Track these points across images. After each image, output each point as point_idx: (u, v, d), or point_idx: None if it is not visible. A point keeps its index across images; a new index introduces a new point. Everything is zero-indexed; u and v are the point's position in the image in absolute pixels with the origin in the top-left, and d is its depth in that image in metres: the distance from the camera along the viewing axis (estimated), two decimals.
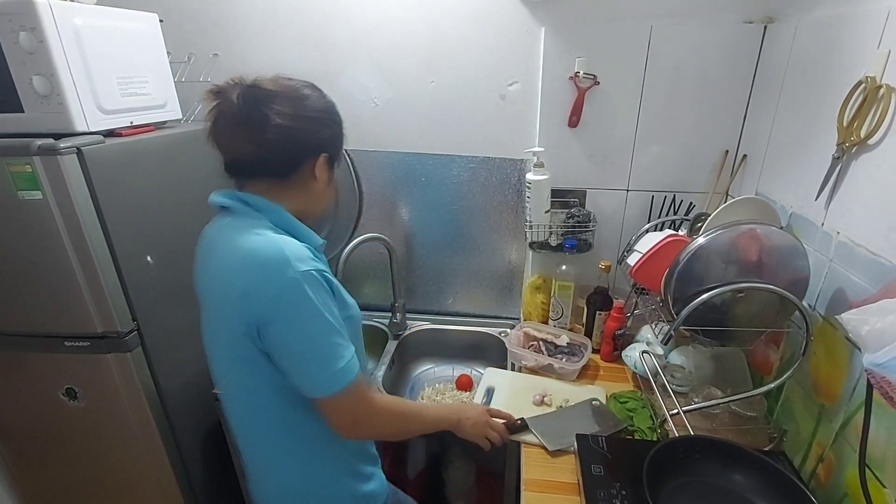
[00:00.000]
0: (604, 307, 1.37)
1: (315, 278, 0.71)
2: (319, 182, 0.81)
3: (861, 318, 0.66)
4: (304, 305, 0.70)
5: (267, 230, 0.74)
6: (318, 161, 0.79)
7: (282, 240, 0.73)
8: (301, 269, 0.70)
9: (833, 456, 0.86)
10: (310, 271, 0.71)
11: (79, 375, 1.17)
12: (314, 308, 0.71)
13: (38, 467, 1.34)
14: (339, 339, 0.74)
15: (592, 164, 1.39)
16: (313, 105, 0.77)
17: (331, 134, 0.80)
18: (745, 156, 1.28)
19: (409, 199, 1.54)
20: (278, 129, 0.72)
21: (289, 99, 0.74)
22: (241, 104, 0.71)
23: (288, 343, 0.72)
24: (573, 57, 1.27)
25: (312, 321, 0.71)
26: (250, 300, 0.70)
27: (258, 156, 0.74)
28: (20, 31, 0.95)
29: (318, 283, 0.72)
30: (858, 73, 0.83)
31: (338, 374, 0.74)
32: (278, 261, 0.69)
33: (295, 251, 0.71)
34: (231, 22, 1.40)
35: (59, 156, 0.95)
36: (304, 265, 0.70)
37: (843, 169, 0.87)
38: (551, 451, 1.03)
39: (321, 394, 0.75)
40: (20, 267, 1.05)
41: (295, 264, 0.69)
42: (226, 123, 0.73)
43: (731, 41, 1.22)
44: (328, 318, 0.72)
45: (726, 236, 0.92)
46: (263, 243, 0.71)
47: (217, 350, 0.81)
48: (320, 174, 0.80)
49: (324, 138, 0.79)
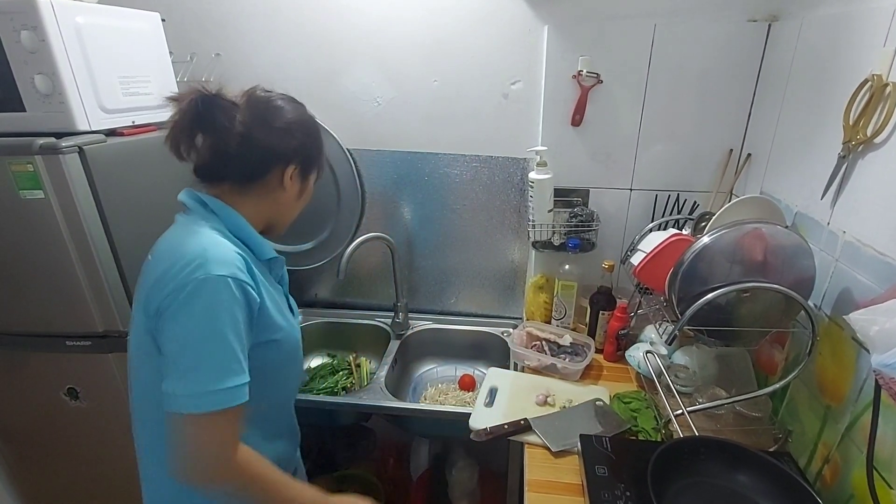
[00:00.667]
0: (607, 307, 1.37)
1: (226, 286, 0.66)
2: (288, 192, 0.81)
3: (870, 319, 0.66)
4: (197, 307, 0.65)
5: (210, 230, 0.72)
6: (288, 171, 0.79)
7: (212, 241, 0.70)
8: (214, 272, 0.66)
9: (839, 457, 0.85)
10: (223, 277, 0.66)
11: (80, 375, 1.17)
12: (208, 313, 0.65)
13: (40, 467, 1.34)
14: (226, 360, 0.66)
15: (595, 163, 1.38)
16: (283, 116, 0.78)
17: (299, 145, 0.79)
18: (749, 154, 1.28)
19: (411, 199, 1.54)
20: (240, 137, 0.73)
21: (255, 109, 0.76)
22: (195, 109, 0.72)
23: (168, 340, 0.67)
24: (576, 55, 1.27)
25: (199, 326, 0.65)
26: (158, 289, 0.67)
27: (218, 161, 0.75)
28: (22, 29, 0.95)
29: (227, 292, 0.66)
30: (864, 71, 0.82)
31: (204, 395, 0.64)
32: (193, 257, 0.67)
33: (218, 254, 0.68)
34: (233, 21, 1.39)
35: (61, 155, 0.95)
36: (220, 269, 0.66)
37: (848, 168, 0.86)
38: (555, 452, 1.02)
39: (174, 407, 0.64)
40: (22, 266, 1.05)
41: (209, 265, 0.66)
42: (181, 129, 0.73)
43: (735, 39, 1.21)
44: (223, 332, 0.66)
45: (731, 236, 0.91)
46: (192, 240, 0.70)
47: (131, 343, 0.77)
48: (289, 185, 0.80)
49: (291, 148, 0.78)
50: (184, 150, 0.75)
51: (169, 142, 0.74)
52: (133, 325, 0.76)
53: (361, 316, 1.68)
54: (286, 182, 0.79)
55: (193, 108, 0.72)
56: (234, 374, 0.67)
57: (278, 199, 0.81)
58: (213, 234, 0.72)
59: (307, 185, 0.85)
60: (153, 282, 0.69)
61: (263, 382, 0.77)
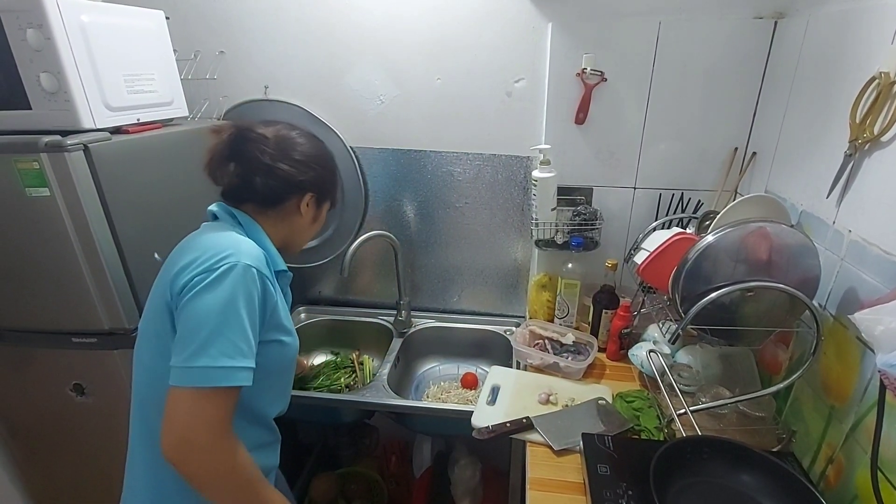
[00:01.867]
0: (610, 306, 1.36)
1: (253, 276, 0.73)
2: (304, 218, 0.91)
3: (875, 318, 0.65)
4: (223, 287, 0.70)
5: (239, 234, 0.80)
6: (304, 199, 0.89)
7: (243, 239, 0.78)
8: (244, 261, 0.72)
9: (843, 457, 0.85)
10: (251, 267, 0.73)
11: (86, 371, 1.17)
12: (231, 294, 0.70)
13: (47, 462, 1.35)
14: (238, 340, 0.70)
15: (599, 161, 1.38)
16: (302, 150, 0.87)
17: (316, 176, 0.88)
18: (754, 153, 1.27)
19: (414, 197, 1.54)
20: (266, 167, 0.83)
21: (278, 142, 0.85)
22: (233, 142, 0.82)
23: (187, 317, 0.70)
24: (580, 53, 1.26)
25: (220, 304, 0.69)
26: (189, 270, 0.72)
27: (246, 187, 0.84)
28: (28, 28, 0.95)
29: (253, 282, 0.73)
30: (872, 68, 0.82)
31: (206, 370, 0.67)
32: (226, 247, 0.74)
33: (249, 249, 0.75)
34: (237, 19, 1.40)
35: (66, 153, 0.96)
36: (250, 261, 0.73)
37: (855, 166, 0.86)
38: (557, 451, 1.02)
39: (178, 381, 0.67)
40: (28, 263, 1.06)
41: (240, 255, 0.73)
42: (220, 158, 0.83)
43: (741, 37, 1.21)
44: (240, 315, 0.70)
45: (735, 234, 0.91)
46: (225, 236, 0.77)
47: (141, 330, 0.81)
48: (305, 211, 0.90)
49: (308, 180, 0.87)
50: (219, 175, 0.84)
51: (207, 169, 0.84)
52: (145, 314, 0.81)
53: (364, 314, 1.68)
54: (302, 208, 0.89)
55: (231, 140, 0.82)
56: (241, 355, 0.70)
57: (294, 223, 0.90)
58: (243, 236, 0.80)
59: (321, 213, 0.95)
60: (184, 264, 0.73)
61: (258, 387, 0.77)
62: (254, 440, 0.85)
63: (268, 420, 0.91)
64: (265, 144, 0.83)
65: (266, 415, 0.90)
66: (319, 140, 0.93)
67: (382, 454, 1.85)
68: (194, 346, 0.68)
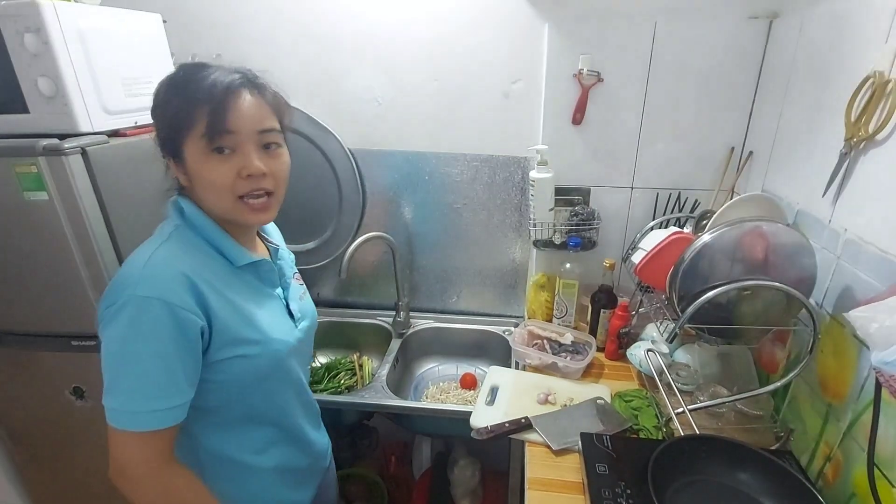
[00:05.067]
0: (608, 305, 1.37)
1: (148, 308, 0.63)
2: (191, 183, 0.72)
3: (869, 316, 0.65)
4: (117, 326, 0.64)
5: (162, 244, 0.70)
6: (168, 164, 0.74)
7: (155, 258, 0.67)
8: (139, 293, 0.63)
9: (841, 455, 0.85)
10: (148, 298, 0.63)
11: (86, 374, 1.18)
12: (125, 334, 0.64)
13: (47, 465, 1.35)
14: (141, 381, 0.64)
15: (596, 161, 1.38)
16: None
17: (157, 132, 0.73)
18: (751, 152, 1.27)
19: (412, 198, 1.54)
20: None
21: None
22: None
23: (101, 350, 0.66)
24: (577, 54, 1.27)
25: (115, 345, 0.65)
26: (101, 301, 0.67)
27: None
28: (25, 32, 0.95)
29: (150, 315, 0.63)
30: (866, 68, 0.82)
31: (115, 412, 0.65)
32: (128, 275, 0.66)
33: (152, 273, 0.66)
34: (234, 22, 1.40)
35: (64, 156, 0.96)
36: (147, 290, 0.64)
37: (850, 165, 0.86)
38: (556, 450, 1.03)
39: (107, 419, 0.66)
40: (26, 267, 1.06)
41: (137, 285, 0.64)
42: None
43: (736, 37, 1.21)
44: (139, 354, 0.64)
45: (732, 234, 0.91)
46: (138, 255, 0.69)
47: None
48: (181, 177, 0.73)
49: (157, 140, 0.73)
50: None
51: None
52: None
53: (363, 315, 1.68)
54: (177, 175, 0.74)
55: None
56: (148, 398, 0.65)
57: (196, 195, 0.73)
58: (165, 249, 0.69)
59: (186, 166, 0.70)
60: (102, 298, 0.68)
61: (239, 396, 0.76)
62: (259, 440, 0.82)
63: (272, 418, 0.84)
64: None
65: (265, 414, 0.83)
66: (168, 80, 0.72)
67: (382, 455, 1.85)
68: (105, 384, 0.65)
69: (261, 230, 0.89)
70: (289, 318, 0.85)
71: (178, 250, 0.70)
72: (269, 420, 0.84)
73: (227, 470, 0.81)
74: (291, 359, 0.84)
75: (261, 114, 0.71)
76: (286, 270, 0.88)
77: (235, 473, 0.82)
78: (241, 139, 0.69)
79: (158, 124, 0.72)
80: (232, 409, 0.78)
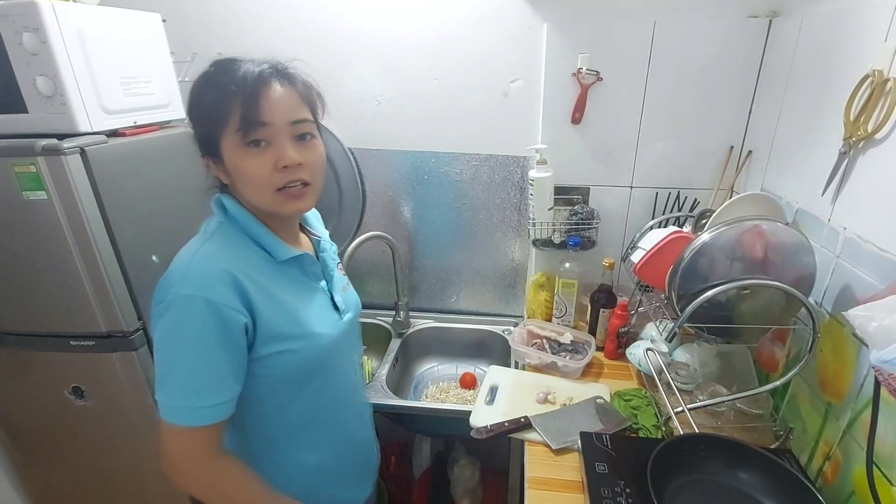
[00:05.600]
0: (608, 305, 1.37)
1: (192, 307, 0.65)
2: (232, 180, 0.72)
3: (868, 315, 0.65)
4: (164, 324, 0.66)
5: (207, 241, 0.71)
6: (207, 164, 0.73)
7: (199, 255, 0.69)
8: (182, 291, 0.65)
9: (840, 454, 0.85)
10: (191, 296, 0.64)
11: (85, 374, 1.17)
12: (170, 332, 0.66)
13: (47, 465, 1.35)
14: (187, 377, 0.66)
15: (596, 160, 1.38)
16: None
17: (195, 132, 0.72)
18: (750, 151, 1.27)
19: (411, 198, 1.54)
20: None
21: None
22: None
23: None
24: (576, 53, 1.27)
25: (162, 342, 0.67)
26: (153, 297, 0.69)
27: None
28: (24, 32, 0.95)
29: (193, 313, 0.65)
30: (865, 66, 0.82)
31: (164, 406, 0.67)
32: (174, 273, 0.68)
33: (196, 272, 0.67)
34: (234, 21, 1.40)
35: (63, 156, 0.96)
36: (190, 289, 0.65)
37: (849, 164, 0.86)
38: (555, 449, 1.03)
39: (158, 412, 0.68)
40: (25, 267, 1.06)
41: (181, 284, 0.65)
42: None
43: (736, 36, 1.21)
44: (183, 351, 0.66)
45: (731, 233, 0.91)
46: (184, 253, 0.71)
47: None
48: (221, 175, 0.73)
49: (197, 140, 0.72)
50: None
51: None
52: None
53: (363, 314, 1.65)
54: (217, 174, 0.74)
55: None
56: (194, 395, 0.66)
57: (237, 191, 0.74)
58: (210, 246, 0.70)
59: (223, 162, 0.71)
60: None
61: (286, 391, 0.78)
62: (308, 436, 0.83)
63: (321, 415, 0.84)
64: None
65: (314, 411, 0.82)
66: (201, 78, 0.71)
67: (382, 455, 1.85)
68: (156, 379, 0.67)
69: (304, 222, 0.89)
70: (334, 311, 0.84)
71: (221, 247, 0.71)
72: (318, 417, 0.84)
73: (277, 464, 0.81)
74: (337, 352, 0.84)
75: (292, 104, 0.71)
76: (329, 262, 0.88)
77: (286, 467, 0.82)
78: (274, 131, 0.69)
79: (195, 123, 0.72)
80: (280, 404, 0.78)
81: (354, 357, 0.96)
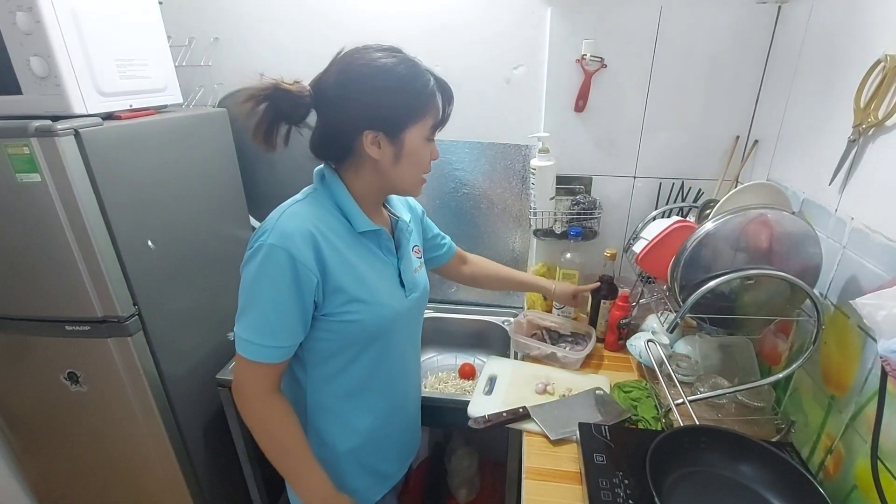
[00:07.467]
0: (609, 296, 1.35)
1: (274, 257, 0.72)
2: (382, 159, 0.77)
3: (877, 304, 0.64)
4: (250, 267, 0.74)
5: (303, 203, 0.79)
6: (365, 139, 0.75)
7: (291, 212, 0.76)
8: (269, 241, 0.72)
9: (843, 448, 0.84)
10: (275, 247, 0.72)
11: (80, 359, 1.17)
12: (253, 276, 0.74)
13: (43, 450, 1.35)
14: (262, 319, 0.75)
15: (599, 149, 1.36)
16: (338, 89, 0.75)
17: (363, 109, 0.74)
18: (756, 141, 1.25)
19: None
20: (301, 118, 0.77)
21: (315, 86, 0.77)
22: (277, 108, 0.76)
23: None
24: (580, 39, 1.24)
25: (246, 283, 0.75)
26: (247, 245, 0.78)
27: (311, 145, 0.81)
28: (17, 11, 0.93)
29: (275, 263, 0.72)
30: (877, 52, 0.80)
31: (239, 338, 0.76)
32: (267, 224, 0.76)
33: (286, 226, 0.74)
34: (232, 5, 1.38)
35: (57, 137, 0.94)
36: (277, 240, 0.72)
37: (858, 152, 0.84)
38: (553, 440, 1.02)
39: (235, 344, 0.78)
40: (19, 250, 1.05)
41: (270, 234, 0.73)
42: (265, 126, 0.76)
43: (744, 22, 1.18)
44: (262, 295, 0.74)
45: (735, 222, 0.89)
46: (280, 208, 0.78)
47: None
48: (376, 152, 0.76)
49: (353, 118, 0.75)
50: (274, 140, 0.78)
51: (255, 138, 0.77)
52: None
53: None
54: (370, 150, 0.76)
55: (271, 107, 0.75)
56: (263, 333, 0.75)
57: (377, 168, 0.79)
58: (299, 206, 0.78)
59: (402, 145, 0.77)
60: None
61: (346, 355, 0.84)
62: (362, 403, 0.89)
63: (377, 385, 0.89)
64: (300, 97, 0.75)
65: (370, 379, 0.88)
66: (362, 62, 0.76)
67: None
68: (238, 311, 0.76)
69: (387, 203, 0.94)
70: (399, 287, 0.88)
71: (309, 210, 0.78)
72: (374, 385, 0.90)
73: (330, 421, 0.88)
74: (398, 327, 0.89)
75: None
76: (403, 242, 0.92)
77: (338, 426, 0.89)
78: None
79: (396, 99, 0.76)
80: (339, 366, 0.85)
81: (415, 338, 1.00)
